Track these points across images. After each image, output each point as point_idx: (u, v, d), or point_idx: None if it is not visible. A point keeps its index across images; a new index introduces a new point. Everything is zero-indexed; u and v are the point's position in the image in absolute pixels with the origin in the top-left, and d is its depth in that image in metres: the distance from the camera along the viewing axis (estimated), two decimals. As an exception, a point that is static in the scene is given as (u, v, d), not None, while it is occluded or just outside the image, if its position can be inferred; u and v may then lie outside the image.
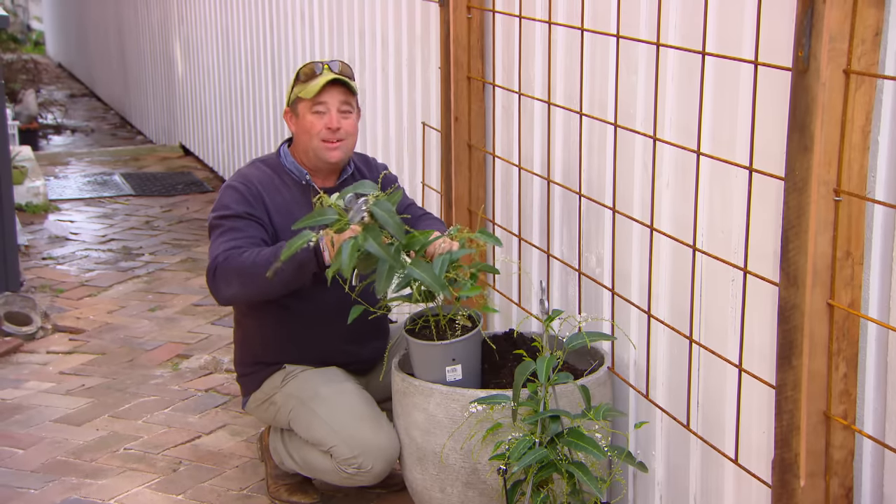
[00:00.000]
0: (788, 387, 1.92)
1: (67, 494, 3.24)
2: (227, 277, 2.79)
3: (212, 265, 2.83)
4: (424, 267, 2.47)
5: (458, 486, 2.61)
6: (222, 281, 2.81)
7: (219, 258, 2.82)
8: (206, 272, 2.87)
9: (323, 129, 2.91)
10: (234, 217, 2.88)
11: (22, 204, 6.50)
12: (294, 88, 2.96)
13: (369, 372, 3.14)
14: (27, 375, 4.18)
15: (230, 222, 2.88)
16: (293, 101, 2.96)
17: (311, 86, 2.91)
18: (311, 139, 2.93)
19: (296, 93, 2.95)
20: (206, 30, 7.13)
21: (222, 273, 2.80)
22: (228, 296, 2.86)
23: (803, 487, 1.91)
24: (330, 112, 2.92)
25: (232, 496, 3.23)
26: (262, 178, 2.97)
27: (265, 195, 2.94)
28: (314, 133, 2.92)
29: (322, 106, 2.91)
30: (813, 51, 1.77)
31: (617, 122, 2.59)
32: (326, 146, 2.93)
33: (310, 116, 2.92)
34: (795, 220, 1.85)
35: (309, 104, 2.92)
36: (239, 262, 2.77)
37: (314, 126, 2.92)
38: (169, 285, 5.26)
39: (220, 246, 2.85)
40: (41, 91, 11.44)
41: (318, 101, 2.91)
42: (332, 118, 2.91)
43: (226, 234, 2.86)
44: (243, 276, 2.77)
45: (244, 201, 2.91)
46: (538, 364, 2.35)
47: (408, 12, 3.89)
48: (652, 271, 2.53)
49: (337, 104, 2.92)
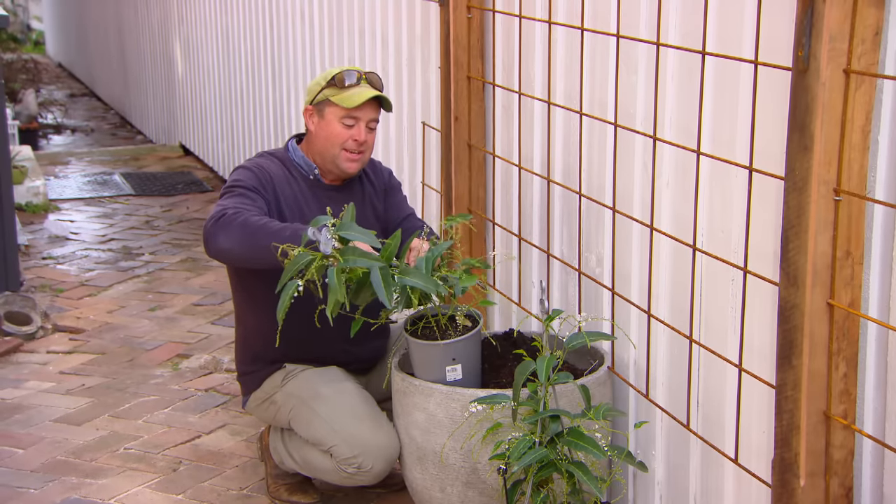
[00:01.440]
0: (788, 386, 1.92)
1: (67, 494, 3.24)
2: (231, 229, 2.69)
3: (218, 212, 2.74)
4: (413, 272, 2.48)
5: (458, 486, 2.61)
6: (223, 230, 2.70)
7: (228, 209, 2.74)
8: (207, 220, 2.76)
9: (349, 140, 2.91)
10: (246, 188, 2.86)
11: (22, 204, 6.50)
12: (325, 90, 2.92)
13: (370, 371, 3.14)
14: (27, 375, 4.18)
15: (241, 190, 2.85)
16: (320, 101, 2.94)
17: (349, 95, 2.88)
18: (334, 146, 2.92)
19: (327, 95, 2.92)
20: (206, 30, 7.13)
21: (227, 223, 2.70)
22: (224, 248, 2.73)
23: (803, 487, 1.91)
24: (359, 126, 2.91)
25: (232, 496, 3.23)
26: (273, 169, 2.97)
27: (276, 183, 2.93)
28: (338, 142, 2.91)
29: (354, 119, 2.90)
30: (813, 50, 1.77)
31: (617, 121, 2.59)
32: (348, 156, 2.93)
33: (338, 124, 2.90)
34: (795, 220, 1.85)
35: (342, 112, 2.89)
36: (249, 220, 2.69)
37: (340, 135, 2.91)
38: (169, 285, 5.26)
39: (230, 201, 2.79)
40: (41, 91, 11.44)
41: (354, 113, 2.89)
42: (360, 131, 2.90)
43: (238, 197, 2.81)
44: (248, 235, 2.67)
45: (256, 180, 2.90)
46: (538, 364, 2.35)
47: (408, 12, 3.89)
48: (652, 271, 2.53)
49: (367, 120, 2.92)
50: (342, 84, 2.90)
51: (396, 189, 3.17)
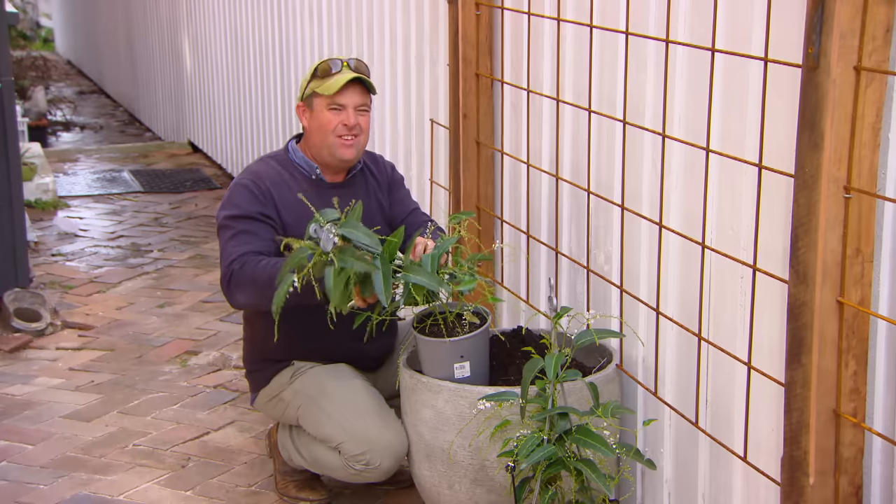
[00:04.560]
0: (798, 384, 1.91)
1: (77, 490, 3.25)
2: (243, 287, 2.79)
3: (226, 272, 2.83)
4: (418, 270, 2.47)
5: (466, 483, 2.61)
6: (237, 289, 2.81)
7: (234, 265, 2.81)
8: (221, 278, 2.86)
9: (339, 125, 2.91)
10: (246, 218, 2.88)
11: (31, 200, 6.52)
12: (310, 83, 2.95)
13: (378, 369, 3.14)
14: (37, 371, 4.20)
15: (241, 224, 2.87)
16: (308, 95, 2.96)
17: (330, 82, 2.90)
18: (327, 135, 2.93)
19: (312, 87, 2.94)
20: (215, 26, 7.14)
21: (237, 282, 2.79)
22: (243, 303, 2.88)
23: (812, 485, 1.91)
24: (347, 110, 2.92)
25: (240, 492, 3.24)
26: (272, 175, 2.97)
27: (274, 192, 2.94)
28: (330, 129, 2.92)
29: (340, 103, 2.91)
30: (823, 48, 1.76)
31: (626, 119, 2.58)
32: (342, 142, 2.93)
33: (326, 113, 2.92)
34: (805, 218, 1.85)
35: (326, 101, 2.91)
36: (255, 272, 2.75)
37: (330, 122, 2.92)
38: (177, 282, 5.27)
39: (233, 251, 2.84)
40: (50, 88, 11.47)
41: (337, 99, 2.91)
42: (349, 115, 2.91)
43: (238, 238, 2.85)
44: (258, 288, 2.75)
45: (255, 200, 2.90)
46: (546, 361, 2.35)
47: (416, 9, 3.89)
48: (660, 268, 2.52)
49: (355, 103, 2.92)
50: (324, 74, 2.92)
51: (400, 183, 3.17)
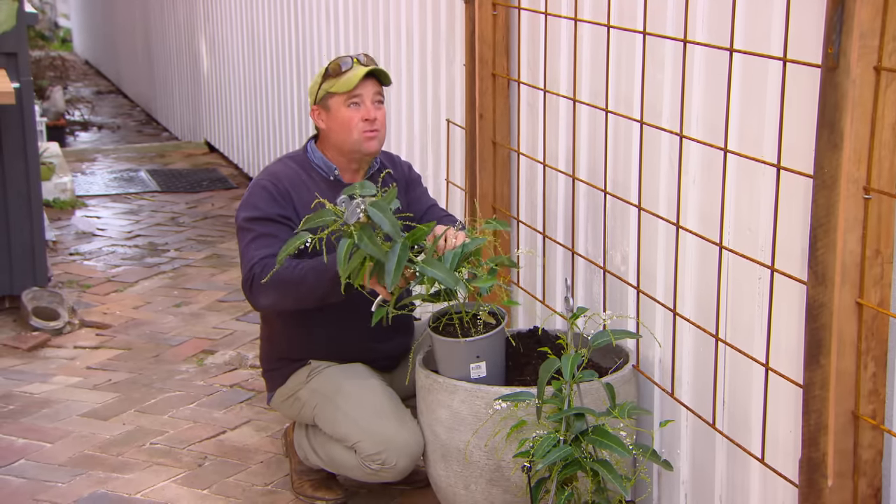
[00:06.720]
0: (816, 386, 1.90)
1: (94, 488, 3.27)
2: (265, 289, 2.80)
3: (248, 275, 2.84)
4: (436, 264, 2.47)
5: (482, 483, 2.60)
6: (259, 292, 2.82)
7: (255, 269, 2.82)
8: (243, 282, 2.88)
9: (360, 120, 2.92)
10: (265, 220, 2.89)
11: (49, 200, 6.56)
12: (322, 85, 2.96)
13: (394, 368, 3.14)
14: (55, 370, 4.22)
15: (261, 226, 2.88)
16: (322, 97, 2.96)
17: (345, 79, 2.91)
18: (351, 132, 2.93)
19: (325, 88, 2.95)
20: (232, 27, 7.15)
21: (259, 285, 2.81)
22: (267, 305, 2.89)
23: (831, 487, 1.90)
24: (365, 104, 2.93)
25: (257, 491, 3.25)
26: (290, 175, 2.98)
27: (293, 193, 2.94)
28: (353, 126, 2.92)
29: (358, 98, 2.92)
30: (843, 48, 1.75)
31: (643, 119, 2.57)
32: (366, 136, 2.94)
33: (345, 110, 2.92)
34: (824, 218, 1.84)
35: (344, 98, 2.92)
36: (276, 275, 2.75)
37: (352, 119, 2.92)
38: (194, 281, 5.29)
39: (254, 253, 2.85)
40: (68, 88, 11.53)
41: (355, 94, 2.92)
42: (368, 109, 2.93)
43: (258, 241, 2.86)
44: (281, 290, 2.78)
45: (273, 201, 2.91)
46: (563, 361, 2.34)
47: (433, 9, 3.89)
48: (678, 269, 2.52)
49: (371, 96, 2.94)
50: (336, 73, 2.93)
51: (417, 182, 3.17)
